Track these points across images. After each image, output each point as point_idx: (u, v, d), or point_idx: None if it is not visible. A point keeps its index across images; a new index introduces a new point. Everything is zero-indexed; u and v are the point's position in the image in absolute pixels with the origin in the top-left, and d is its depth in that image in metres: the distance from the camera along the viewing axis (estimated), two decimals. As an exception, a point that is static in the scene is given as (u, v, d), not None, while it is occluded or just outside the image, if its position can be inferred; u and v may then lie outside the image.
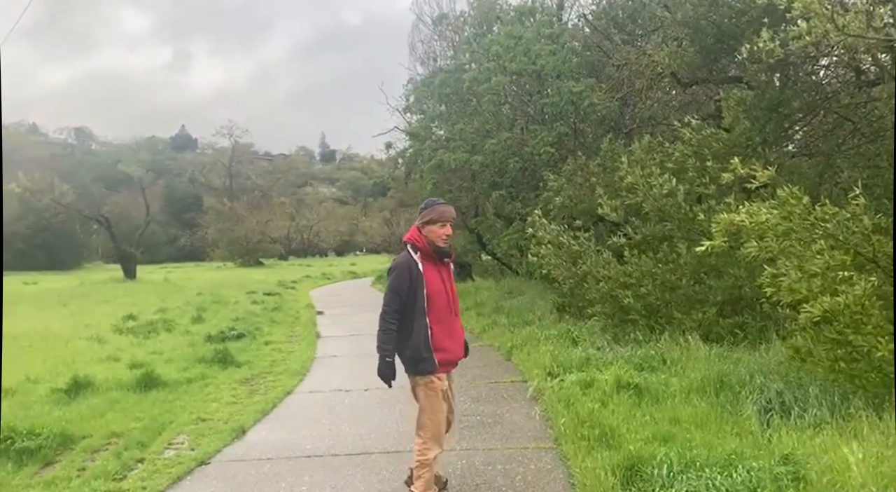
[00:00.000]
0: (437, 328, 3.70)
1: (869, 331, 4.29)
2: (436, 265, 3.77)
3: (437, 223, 3.77)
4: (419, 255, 3.74)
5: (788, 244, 4.56)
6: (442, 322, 3.73)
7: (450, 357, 3.81)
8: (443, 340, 3.72)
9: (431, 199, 3.95)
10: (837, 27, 4.81)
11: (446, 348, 3.76)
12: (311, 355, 9.40)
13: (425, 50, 21.31)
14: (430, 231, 3.76)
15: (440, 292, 3.73)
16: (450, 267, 3.91)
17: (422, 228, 3.78)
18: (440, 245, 3.78)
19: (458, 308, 3.94)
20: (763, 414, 4.64)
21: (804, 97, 7.67)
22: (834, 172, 7.98)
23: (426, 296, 3.66)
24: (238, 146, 71.80)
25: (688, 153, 7.73)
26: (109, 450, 5.16)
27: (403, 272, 3.68)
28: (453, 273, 3.99)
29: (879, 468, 3.34)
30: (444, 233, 3.77)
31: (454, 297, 3.88)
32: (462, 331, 3.99)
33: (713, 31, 8.11)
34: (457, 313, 3.89)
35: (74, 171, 45.21)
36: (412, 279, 3.67)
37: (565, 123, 12.77)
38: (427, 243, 3.75)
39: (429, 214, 3.78)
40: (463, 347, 3.97)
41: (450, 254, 3.89)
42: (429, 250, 3.74)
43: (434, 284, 3.71)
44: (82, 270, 41.09)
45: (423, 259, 3.73)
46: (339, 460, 4.77)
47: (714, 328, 7.15)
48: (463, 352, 3.98)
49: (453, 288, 3.89)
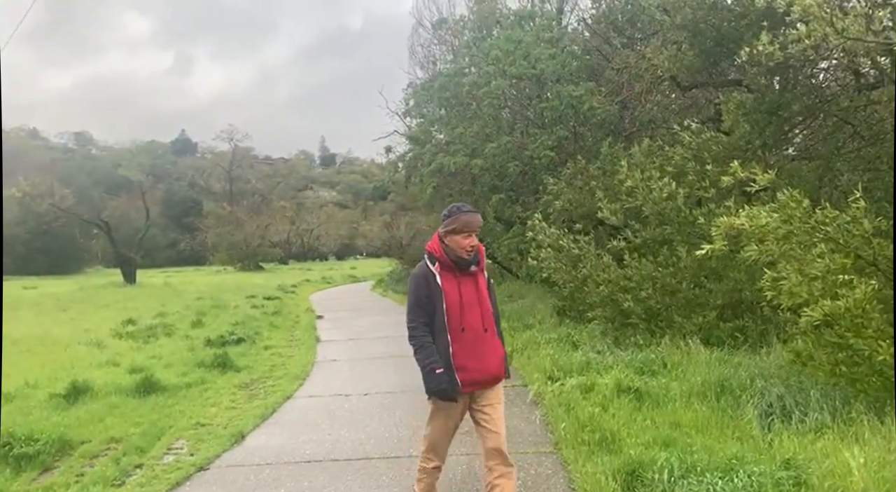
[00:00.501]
0: (457, 346, 3.37)
1: (870, 334, 4.27)
2: (456, 277, 3.45)
3: (462, 233, 3.45)
4: (437, 266, 3.45)
5: (789, 248, 4.55)
6: (464, 339, 3.39)
7: (474, 377, 3.42)
8: (464, 359, 3.38)
9: (456, 205, 3.61)
10: (837, 30, 4.81)
11: (467, 368, 3.39)
12: (310, 360, 9.39)
13: (425, 54, 21.36)
14: (453, 241, 3.46)
15: (458, 305, 3.40)
16: (477, 277, 3.53)
17: (444, 236, 3.48)
18: (463, 256, 3.46)
19: (494, 322, 3.54)
20: (764, 418, 4.63)
21: (804, 100, 7.67)
22: (834, 176, 7.98)
23: (444, 310, 3.38)
24: (238, 150, 71.98)
25: (687, 157, 7.73)
26: (108, 455, 5.15)
27: (420, 284, 3.44)
28: (487, 282, 3.58)
29: (881, 473, 3.32)
30: (468, 244, 3.44)
31: (486, 310, 3.49)
32: (498, 348, 3.54)
33: (712, 35, 8.12)
34: (490, 328, 3.48)
35: (74, 175, 45.32)
36: (430, 291, 3.41)
37: (565, 126, 12.78)
38: (445, 253, 3.46)
39: (452, 222, 3.46)
40: (498, 365, 3.52)
41: (476, 263, 3.52)
42: (448, 261, 3.45)
43: (451, 297, 3.40)
44: (82, 275, 41.07)
45: (442, 270, 3.44)
46: (339, 465, 4.75)
47: (714, 332, 7.14)
48: (496, 371, 3.51)
49: (484, 300, 3.51)
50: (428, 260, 3.50)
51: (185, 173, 72.33)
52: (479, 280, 3.52)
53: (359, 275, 34.57)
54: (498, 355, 3.52)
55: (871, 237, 4.32)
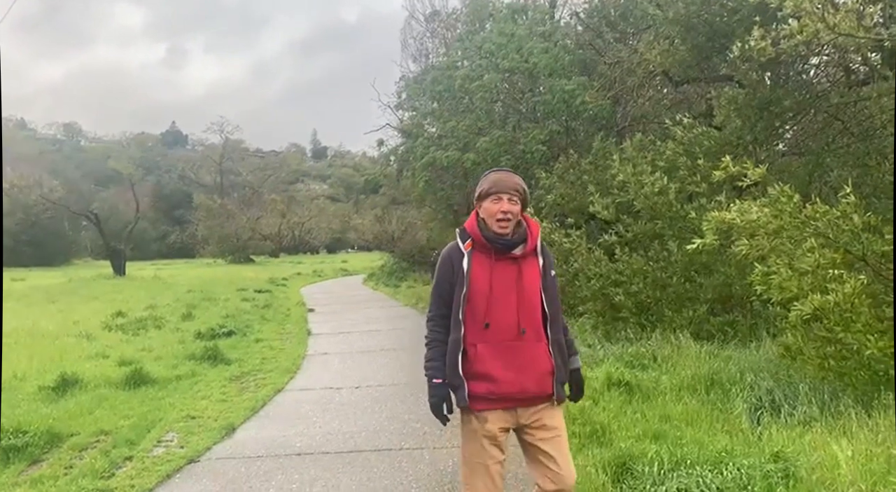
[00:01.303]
0: (482, 347, 2.63)
1: (858, 329, 4.31)
2: (490, 259, 2.67)
3: (490, 197, 2.70)
4: (469, 244, 2.72)
5: (779, 242, 4.57)
6: (488, 339, 2.63)
7: (505, 390, 2.62)
8: (488, 365, 2.62)
9: (494, 168, 2.94)
10: (828, 26, 4.83)
11: (493, 377, 2.62)
12: (301, 353, 9.37)
13: (418, 47, 21.29)
14: (485, 210, 2.72)
15: (485, 295, 2.63)
16: (524, 264, 2.70)
17: (477, 207, 2.78)
18: (497, 230, 2.67)
19: (541, 324, 2.68)
20: (753, 412, 4.67)
21: (795, 96, 7.70)
22: (824, 171, 8.03)
23: (464, 298, 2.65)
24: (229, 143, 71.59)
25: (679, 151, 7.75)
26: (97, 448, 5.11)
27: (444, 267, 2.74)
28: (541, 268, 2.72)
29: (868, 465, 3.36)
30: (500, 211, 2.66)
31: (529, 306, 2.66)
32: (542, 358, 2.67)
33: (705, 30, 8.14)
34: (531, 330, 2.65)
35: (63, 167, 45.00)
36: (454, 275, 2.70)
37: (557, 121, 12.78)
38: (479, 229, 2.71)
39: (479, 185, 2.77)
40: (539, 380, 2.66)
41: (522, 244, 2.69)
42: (481, 239, 2.68)
43: (478, 283, 2.64)
44: (71, 267, 40.81)
45: (474, 250, 2.70)
46: (330, 457, 4.74)
47: (705, 326, 7.19)
48: (537, 387, 2.66)
49: (530, 294, 2.66)
50: (459, 237, 2.77)
51: (175, 166, 72.00)
52: (527, 268, 2.69)
53: (350, 268, 34.54)
54: (541, 367, 2.66)
55: (860, 232, 4.35)
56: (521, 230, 2.73)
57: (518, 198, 2.72)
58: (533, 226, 2.76)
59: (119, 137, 79.91)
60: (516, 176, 2.79)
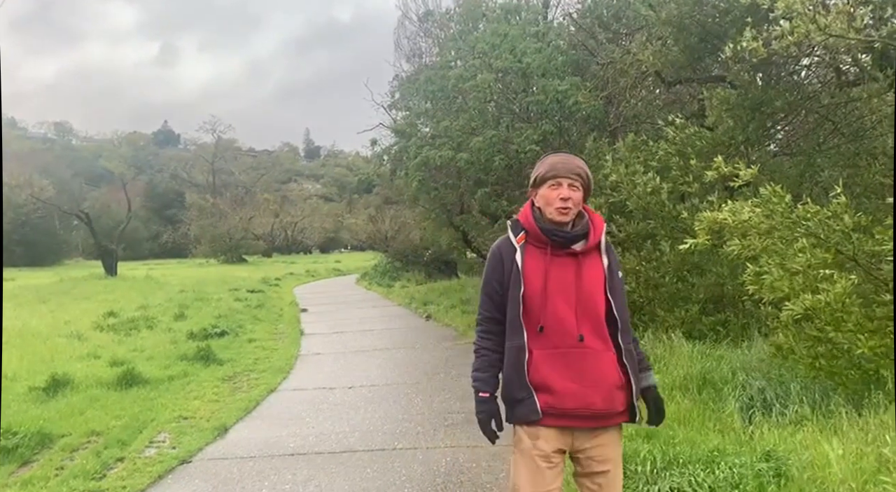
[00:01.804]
0: (537, 354, 2.28)
1: (849, 328, 4.34)
2: (546, 254, 2.32)
3: (547, 183, 2.36)
4: (522, 236, 2.38)
5: (771, 242, 4.59)
6: (543, 344, 2.29)
7: (565, 405, 2.26)
8: (544, 373, 2.27)
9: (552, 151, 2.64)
10: (819, 27, 4.85)
11: (552, 388, 2.26)
12: (294, 353, 9.35)
13: (411, 47, 21.24)
14: (541, 198, 2.38)
15: (541, 294, 2.29)
16: (584, 262, 2.34)
17: (533, 194, 2.44)
18: (556, 218, 2.33)
19: (604, 328, 2.32)
20: (745, 411, 4.69)
21: (786, 97, 7.74)
22: (815, 171, 8.07)
23: (519, 298, 2.30)
24: (221, 142, 71.38)
25: (671, 152, 7.77)
26: (89, 449, 5.09)
27: (493, 262, 2.41)
28: (606, 268, 2.37)
29: (859, 464, 3.38)
30: (558, 197, 2.32)
31: (590, 308, 2.31)
32: (610, 368, 2.30)
33: (697, 31, 8.16)
34: (593, 335, 2.29)
35: (54, 166, 44.69)
36: (504, 273, 2.36)
37: (550, 121, 12.79)
38: (535, 220, 2.37)
39: (535, 169, 2.43)
40: (606, 394, 2.28)
41: (583, 238, 2.35)
42: (536, 231, 2.34)
43: (533, 281, 2.30)
44: (62, 267, 40.51)
45: (528, 244, 2.36)
46: (323, 458, 4.74)
47: (697, 326, 7.21)
48: (603, 402, 2.28)
49: (591, 294, 2.32)
50: (511, 229, 2.43)
51: (167, 165, 71.68)
52: (588, 266, 2.34)
53: (343, 268, 34.48)
54: (608, 379, 2.29)
55: (850, 232, 4.38)
56: (582, 222, 2.38)
57: (580, 183, 2.36)
58: (597, 219, 2.42)
59: (111, 136, 79.52)
60: (578, 158, 2.43)
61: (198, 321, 12.16)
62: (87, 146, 74.74)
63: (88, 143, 77.46)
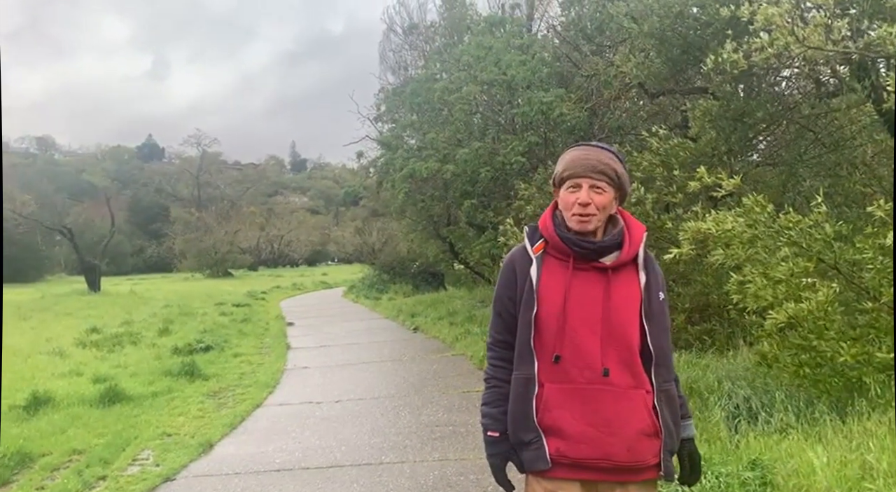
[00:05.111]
0: (549, 389, 1.90)
1: (832, 336, 4.37)
2: (567, 268, 1.93)
3: (565, 184, 1.95)
4: (541, 244, 1.98)
5: (754, 251, 4.64)
6: (568, 379, 1.88)
7: (581, 454, 1.87)
8: (555, 413, 1.89)
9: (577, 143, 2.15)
10: (798, 39, 4.93)
11: (563, 431, 1.88)
12: (280, 367, 9.27)
13: (396, 59, 21.31)
14: (561, 201, 1.98)
15: (559, 315, 1.89)
16: (615, 278, 1.94)
17: (556, 195, 2.03)
18: (574, 226, 1.93)
19: (637, 362, 1.90)
20: (731, 420, 4.70)
21: (767, 108, 7.84)
22: (797, 181, 8.18)
23: (532, 320, 1.91)
24: (206, 155, 71.06)
25: (655, 162, 7.84)
26: (70, 467, 5.00)
27: (505, 274, 2.02)
28: (643, 288, 1.98)
29: (843, 472, 3.40)
30: (576, 201, 1.91)
31: (621, 335, 1.89)
32: (642, 412, 1.89)
33: (679, 43, 8.26)
34: (621, 369, 1.88)
35: (36, 181, 44.18)
36: (517, 288, 1.96)
37: (536, 132, 12.88)
38: (553, 226, 1.97)
39: (556, 166, 2.03)
40: (632, 442, 1.87)
41: (617, 249, 1.95)
42: (556, 239, 1.94)
43: (550, 298, 1.90)
44: (44, 283, 39.98)
45: (547, 255, 1.96)
46: (310, 473, 4.69)
47: (683, 335, 7.24)
48: (628, 452, 1.86)
49: (624, 320, 1.91)
50: (527, 237, 2.03)
51: (152, 179, 71.16)
52: (621, 284, 1.94)
53: (330, 281, 34.33)
54: (636, 424, 1.88)
55: (832, 241, 4.43)
56: (615, 231, 1.97)
57: (607, 183, 1.91)
58: (635, 228, 2.00)
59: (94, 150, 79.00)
60: (605, 152, 1.97)
61: (183, 336, 12.04)
62: (70, 160, 74.16)
63: (71, 157, 76.87)
